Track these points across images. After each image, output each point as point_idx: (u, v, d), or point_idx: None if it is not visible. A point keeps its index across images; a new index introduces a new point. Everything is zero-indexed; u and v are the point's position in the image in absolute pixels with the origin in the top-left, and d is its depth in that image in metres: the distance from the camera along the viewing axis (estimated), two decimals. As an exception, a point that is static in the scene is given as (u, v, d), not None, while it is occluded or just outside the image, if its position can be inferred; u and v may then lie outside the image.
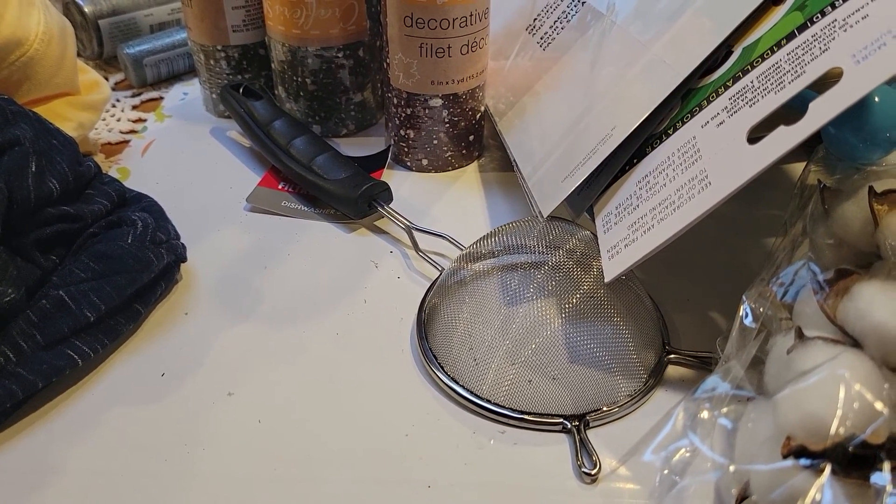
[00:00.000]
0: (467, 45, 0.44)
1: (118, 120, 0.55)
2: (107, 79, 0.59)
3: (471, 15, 0.43)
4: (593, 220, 0.36)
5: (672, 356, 0.34)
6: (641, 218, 0.32)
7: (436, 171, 0.49)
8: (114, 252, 0.36)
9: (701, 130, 0.32)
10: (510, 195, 0.46)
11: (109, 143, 0.52)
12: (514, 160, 0.42)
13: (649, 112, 0.34)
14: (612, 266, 0.33)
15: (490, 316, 0.35)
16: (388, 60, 0.46)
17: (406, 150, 0.48)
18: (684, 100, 0.34)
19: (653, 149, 0.34)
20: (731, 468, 0.24)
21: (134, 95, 0.59)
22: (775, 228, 0.43)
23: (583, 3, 0.45)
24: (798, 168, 0.48)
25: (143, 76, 0.59)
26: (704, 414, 0.25)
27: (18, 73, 0.43)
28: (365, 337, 0.36)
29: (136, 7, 0.61)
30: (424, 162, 0.48)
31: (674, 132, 0.33)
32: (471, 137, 0.48)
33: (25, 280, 0.36)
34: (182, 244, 0.39)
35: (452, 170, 0.49)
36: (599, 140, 0.36)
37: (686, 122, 0.33)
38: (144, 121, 0.55)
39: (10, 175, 0.37)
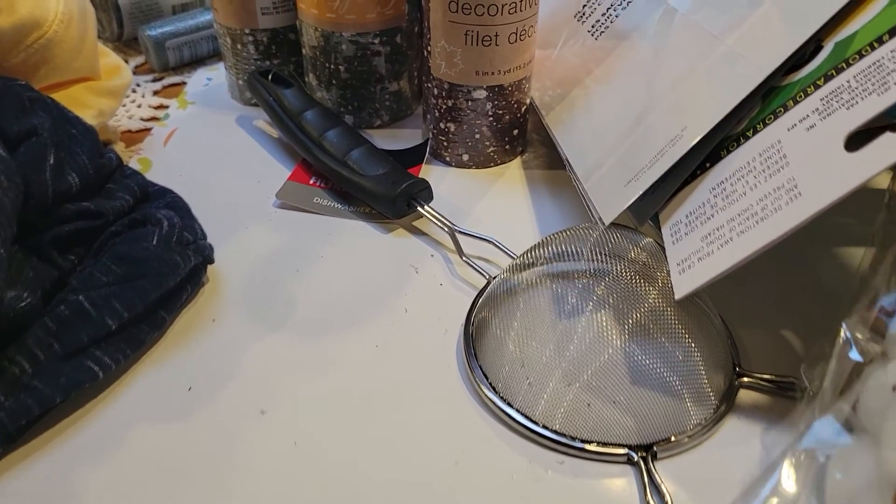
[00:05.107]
0: (516, 34, 0.41)
1: (139, 106, 0.52)
2: (126, 62, 0.56)
3: (521, 0, 0.40)
4: (658, 229, 0.33)
5: (745, 379, 0.31)
6: (718, 229, 0.29)
7: (477, 168, 0.46)
8: (138, 254, 0.33)
9: (787, 134, 0.29)
10: (558, 195, 0.43)
11: (129, 131, 0.50)
12: (567, 159, 0.39)
13: (727, 112, 0.31)
14: (684, 281, 0.30)
15: (545, 332, 0.32)
16: (429, 48, 0.43)
17: (445, 144, 0.45)
18: (765, 99, 0.31)
19: (728, 152, 0.31)
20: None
21: (155, 80, 0.56)
22: (847, 238, 0.40)
23: (640, -11, 0.42)
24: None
25: (165, 60, 0.56)
26: (812, 467, 0.22)
27: (36, 56, 0.40)
28: (407, 350, 0.33)
29: (158, -14, 0.58)
30: (465, 157, 0.45)
31: (754, 134, 0.30)
32: (515, 132, 0.45)
33: (42, 282, 0.33)
34: (209, 244, 0.36)
35: (494, 166, 0.46)
36: (668, 141, 0.33)
37: (769, 124, 0.30)
38: (166, 107, 0.52)
39: (27, 168, 0.34)
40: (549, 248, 0.34)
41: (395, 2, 0.45)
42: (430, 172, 0.45)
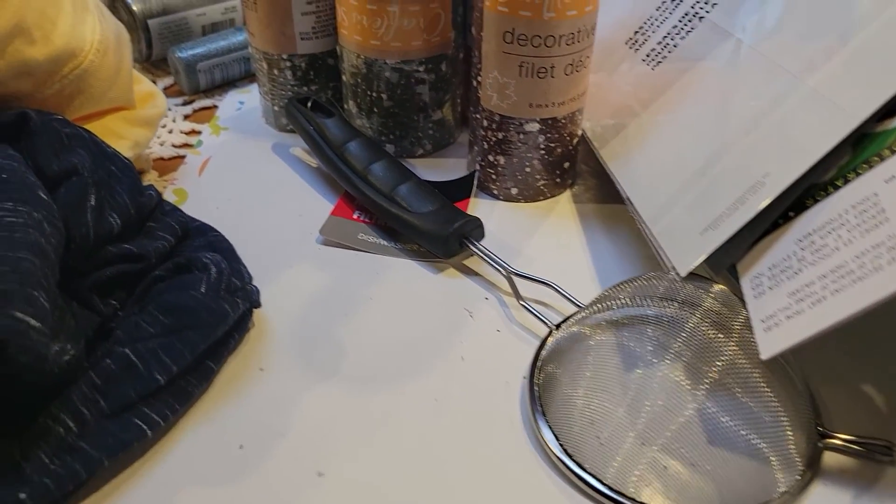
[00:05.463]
0: (572, 65, 0.39)
1: (170, 132, 0.51)
2: (154, 83, 0.54)
3: (578, 31, 0.38)
4: (735, 279, 0.31)
5: (830, 441, 0.30)
6: (808, 286, 0.28)
7: (525, 201, 0.44)
8: (186, 303, 0.31)
9: (885, 186, 0.27)
10: (612, 231, 0.41)
11: (162, 159, 0.48)
12: (628, 198, 0.37)
13: (817, 160, 0.29)
14: (772, 340, 0.28)
15: (618, 390, 0.30)
16: (479, 78, 0.41)
17: (494, 177, 0.43)
18: (856, 146, 0.29)
19: (816, 201, 0.29)
20: None
21: (185, 103, 0.54)
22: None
23: (700, 18, 0.40)
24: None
25: (196, 82, 0.55)
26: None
27: (71, 86, 0.38)
28: (467, 404, 0.32)
29: (188, 6, 0.57)
30: (514, 191, 0.43)
31: (845, 184, 0.29)
32: (566, 165, 0.43)
33: (84, 330, 0.32)
34: (256, 288, 0.35)
35: (544, 199, 0.44)
36: (748, 188, 0.31)
37: (861, 174, 0.28)
38: (199, 133, 0.51)
39: (68, 210, 0.32)
40: (617, 301, 0.32)
41: (442, 28, 0.43)
42: (478, 206, 0.43)
